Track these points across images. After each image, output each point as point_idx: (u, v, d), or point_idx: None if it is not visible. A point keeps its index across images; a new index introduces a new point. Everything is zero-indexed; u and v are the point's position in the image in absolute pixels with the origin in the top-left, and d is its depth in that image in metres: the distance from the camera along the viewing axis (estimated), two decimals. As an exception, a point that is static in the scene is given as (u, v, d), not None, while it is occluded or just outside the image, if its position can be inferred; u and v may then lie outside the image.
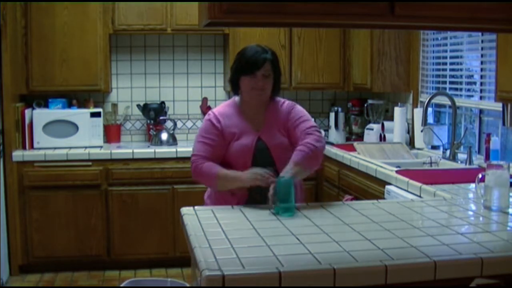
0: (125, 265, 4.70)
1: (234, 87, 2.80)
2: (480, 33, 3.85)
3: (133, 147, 4.83)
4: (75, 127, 4.76)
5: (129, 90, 5.24)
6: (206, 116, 2.82)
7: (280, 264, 1.77)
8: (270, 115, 2.79)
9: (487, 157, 3.60)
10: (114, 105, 5.16)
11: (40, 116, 4.71)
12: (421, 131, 4.27)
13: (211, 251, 1.89)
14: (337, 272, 1.73)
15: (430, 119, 4.54)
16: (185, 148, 4.74)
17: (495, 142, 3.61)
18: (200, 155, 2.72)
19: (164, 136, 4.95)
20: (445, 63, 4.38)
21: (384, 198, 3.38)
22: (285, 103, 2.85)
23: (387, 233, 2.11)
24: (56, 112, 4.76)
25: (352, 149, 4.35)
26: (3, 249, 4.37)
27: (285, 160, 2.72)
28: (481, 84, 3.96)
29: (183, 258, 4.03)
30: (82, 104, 4.95)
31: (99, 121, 4.84)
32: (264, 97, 2.77)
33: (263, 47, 2.75)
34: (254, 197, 2.64)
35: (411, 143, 4.57)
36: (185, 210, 2.45)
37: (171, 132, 5.02)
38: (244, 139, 2.73)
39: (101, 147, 4.81)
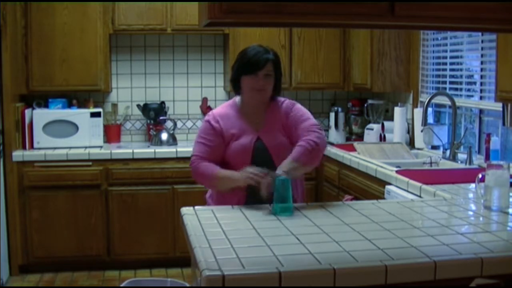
0: (125, 265, 4.70)
1: (235, 86, 2.80)
2: (480, 33, 3.85)
3: (133, 147, 4.83)
4: (75, 127, 4.76)
5: (129, 90, 5.24)
6: (206, 117, 2.82)
7: (280, 264, 1.77)
8: (271, 115, 2.80)
9: (487, 157, 3.60)
10: (114, 105, 5.16)
11: (40, 116, 4.71)
12: (421, 131, 4.27)
13: (211, 251, 1.89)
14: (337, 272, 1.73)
15: (430, 119, 4.53)
16: (185, 148, 4.74)
17: (495, 142, 3.61)
18: (199, 156, 2.73)
19: (164, 136, 4.95)
20: (445, 63, 4.38)
21: (384, 198, 3.38)
22: (285, 102, 2.84)
23: (387, 233, 2.11)
24: (56, 112, 4.76)
25: (352, 149, 4.35)
26: (3, 249, 4.37)
27: (285, 158, 2.73)
28: (481, 84, 3.96)
29: (183, 258, 4.03)
30: (82, 104, 4.94)
31: (99, 121, 4.83)
32: (264, 98, 2.77)
33: (265, 48, 2.75)
34: (251, 197, 2.64)
35: (411, 143, 4.57)
36: (185, 210, 2.45)
37: (171, 132, 5.02)
38: (243, 139, 2.73)
39: (101, 147, 4.81)
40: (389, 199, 3.26)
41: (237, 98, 2.85)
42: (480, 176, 2.56)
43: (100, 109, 4.87)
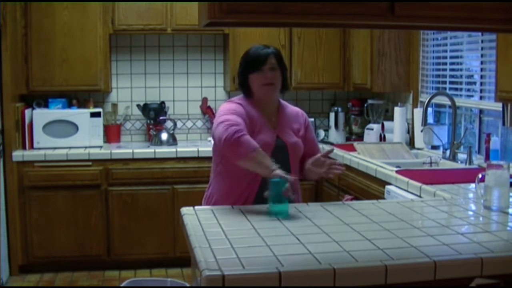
0: (125, 265, 4.70)
1: (244, 88, 2.79)
2: (480, 33, 3.85)
3: (133, 147, 4.83)
4: (75, 127, 4.76)
5: (129, 90, 5.24)
6: (226, 104, 2.73)
7: (280, 264, 1.76)
8: (282, 116, 2.82)
9: (487, 157, 3.60)
10: (114, 105, 5.16)
11: (40, 116, 4.71)
12: (421, 131, 4.27)
13: (211, 251, 1.89)
14: (337, 272, 1.73)
15: (430, 119, 4.53)
16: (185, 148, 4.74)
17: (495, 142, 3.61)
18: (239, 124, 2.54)
19: (164, 136, 4.95)
20: (445, 63, 4.38)
21: (384, 198, 3.38)
22: (293, 108, 2.89)
23: (387, 233, 2.11)
24: (56, 112, 4.76)
25: (352, 149, 4.35)
26: (3, 249, 4.37)
27: (297, 160, 2.78)
28: (481, 84, 3.97)
29: (183, 258, 4.03)
30: (82, 104, 4.94)
31: (99, 121, 4.84)
32: (274, 92, 2.77)
33: (265, 45, 2.79)
34: (261, 197, 2.63)
35: (411, 143, 4.57)
36: (185, 210, 2.45)
37: (171, 132, 5.01)
38: (263, 135, 2.70)
39: (101, 147, 4.81)
40: (389, 199, 3.26)
41: (244, 97, 2.81)
42: (480, 176, 2.56)
43: (100, 109, 4.87)
